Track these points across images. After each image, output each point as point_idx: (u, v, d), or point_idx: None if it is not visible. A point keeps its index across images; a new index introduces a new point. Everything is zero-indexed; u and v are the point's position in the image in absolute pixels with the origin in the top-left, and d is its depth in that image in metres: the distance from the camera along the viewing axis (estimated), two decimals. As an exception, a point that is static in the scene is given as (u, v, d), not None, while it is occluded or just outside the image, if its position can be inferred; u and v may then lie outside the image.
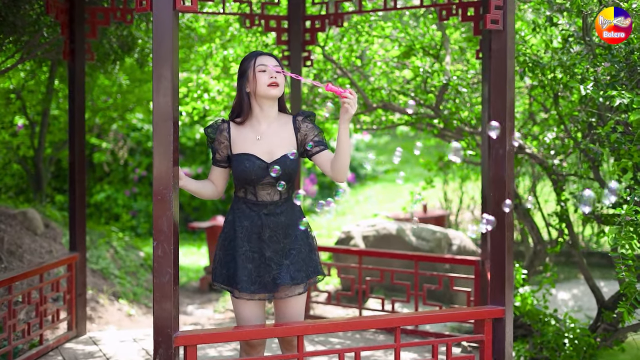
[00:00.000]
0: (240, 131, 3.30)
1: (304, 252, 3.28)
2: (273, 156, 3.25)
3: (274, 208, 3.25)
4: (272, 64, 3.25)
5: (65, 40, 4.85)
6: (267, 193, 3.25)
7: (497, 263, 3.48)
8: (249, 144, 3.26)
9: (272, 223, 3.24)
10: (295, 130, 3.30)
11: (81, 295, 4.99)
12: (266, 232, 3.23)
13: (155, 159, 2.91)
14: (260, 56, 3.26)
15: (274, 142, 3.27)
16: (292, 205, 3.31)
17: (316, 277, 3.32)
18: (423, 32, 5.98)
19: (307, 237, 3.32)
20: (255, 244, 3.24)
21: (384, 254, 5.31)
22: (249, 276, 3.22)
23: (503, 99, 3.46)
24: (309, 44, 5.34)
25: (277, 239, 3.24)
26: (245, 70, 3.27)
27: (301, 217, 3.32)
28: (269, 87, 3.22)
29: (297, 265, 3.24)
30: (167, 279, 2.92)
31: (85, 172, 5.02)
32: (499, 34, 3.47)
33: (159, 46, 2.88)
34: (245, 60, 3.30)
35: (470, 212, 9.27)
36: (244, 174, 3.21)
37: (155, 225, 2.92)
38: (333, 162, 3.20)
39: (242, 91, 3.28)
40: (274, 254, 3.23)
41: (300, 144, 3.30)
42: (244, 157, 3.24)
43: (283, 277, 3.19)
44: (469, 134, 5.57)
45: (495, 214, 3.44)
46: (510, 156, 3.48)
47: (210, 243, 7.92)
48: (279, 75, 3.24)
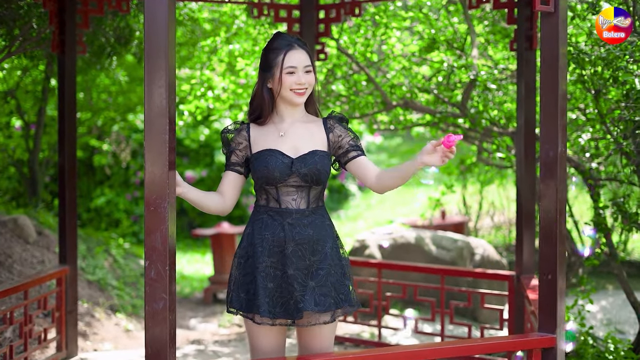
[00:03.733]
0: (261, 131, 2.83)
1: (335, 275, 2.77)
2: (299, 152, 2.78)
3: (300, 218, 2.76)
4: (303, 64, 2.77)
5: (55, 31, 4.38)
6: (293, 199, 2.77)
7: (547, 283, 2.99)
8: (271, 141, 2.80)
9: (297, 235, 2.74)
10: (327, 130, 2.84)
11: (72, 313, 4.51)
12: (290, 245, 2.73)
13: (148, 162, 2.43)
14: (291, 51, 2.77)
15: (300, 138, 2.81)
16: (322, 216, 2.81)
17: (348, 307, 2.80)
18: (445, 25, 5.48)
19: (340, 259, 2.81)
20: (277, 258, 2.74)
21: (407, 267, 4.81)
22: (271, 297, 2.71)
23: (554, 92, 2.97)
24: (323, 35, 4.86)
25: (303, 255, 2.74)
26: (270, 66, 2.78)
27: (332, 235, 2.82)
28: (293, 93, 2.77)
29: (325, 289, 2.73)
30: (162, 305, 2.44)
31: (76, 176, 4.55)
32: (550, 16, 2.99)
33: (151, 25, 2.41)
34: (272, 51, 2.80)
35: (490, 217, 8.76)
36: (265, 171, 2.73)
37: (147, 241, 2.44)
38: (383, 177, 2.77)
39: (263, 85, 2.81)
40: (298, 272, 2.72)
41: (333, 146, 2.84)
42: (265, 152, 2.76)
43: (306, 302, 2.68)
44: (499, 134, 5.08)
45: (543, 224, 2.99)
46: (563, 159, 3.00)
47: (216, 251, 7.43)
48: (308, 78, 2.77)
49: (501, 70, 5.30)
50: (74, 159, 4.47)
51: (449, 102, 5.10)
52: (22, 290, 4.03)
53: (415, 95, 5.29)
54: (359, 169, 2.83)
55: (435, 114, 5.15)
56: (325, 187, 2.86)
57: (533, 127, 4.22)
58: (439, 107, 5.29)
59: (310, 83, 2.79)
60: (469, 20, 5.17)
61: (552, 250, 2.98)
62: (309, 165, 2.74)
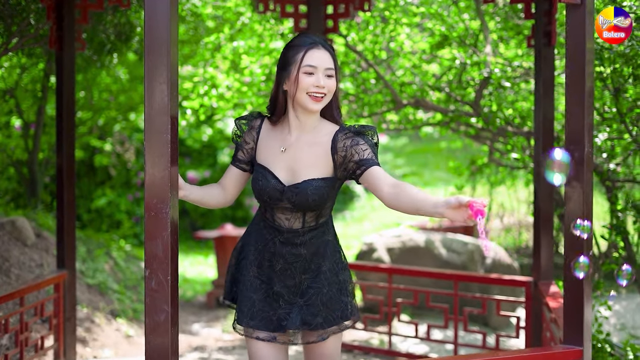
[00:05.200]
0: (270, 135, 2.61)
1: (328, 294, 2.58)
2: (294, 178, 2.54)
3: (292, 237, 2.57)
4: (325, 65, 2.49)
5: (52, 26, 4.21)
6: (286, 218, 2.57)
7: (573, 293, 2.81)
8: (271, 155, 2.58)
9: (287, 254, 2.56)
10: (332, 150, 2.53)
11: (70, 319, 4.34)
12: (279, 262, 2.57)
13: (148, 164, 2.25)
14: (313, 49, 2.49)
15: (301, 160, 2.55)
16: (322, 233, 2.60)
17: (343, 323, 2.62)
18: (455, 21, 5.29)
19: (337, 275, 2.62)
20: (265, 272, 2.60)
21: (419, 273, 4.62)
22: (250, 308, 2.57)
23: (580, 89, 2.79)
24: (331, 31, 4.67)
25: (292, 274, 2.57)
26: (288, 64, 2.53)
27: (331, 250, 2.62)
28: (309, 97, 2.49)
29: (314, 308, 2.55)
30: (164, 318, 2.26)
31: (75, 177, 4.38)
32: (576, 9, 2.81)
33: (152, 16, 2.22)
34: (292, 48, 2.54)
35: (500, 219, 8.56)
36: (257, 192, 2.57)
37: (147, 249, 2.26)
38: (401, 194, 2.37)
39: (279, 86, 2.57)
40: (285, 289, 2.57)
41: (339, 167, 2.54)
42: (260, 171, 2.57)
43: (291, 320, 2.52)
44: (513, 134, 4.89)
45: (568, 230, 2.81)
46: (589, 160, 2.82)
47: (219, 254, 7.26)
48: (328, 82, 2.49)
49: (515, 67, 5.12)
50: (72, 160, 4.29)
51: (461, 100, 4.91)
52: (18, 297, 3.85)
53: (426, 94, 5.10)
54: (367, 182, 2.50)
55: (447, 113, 4.95)
56: (329, 206, 2.62)
57: (551, 127, 4.04)
58: (450, 105, 5.10)
59: (331, 89, 2.51)
60: (482, 16, 4.98)
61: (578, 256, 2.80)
62: (301, 197, 2.51)
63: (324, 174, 2.53)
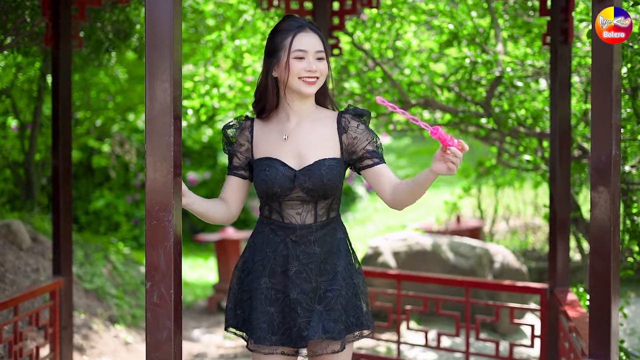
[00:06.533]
0: (265, 129, 2.46)
1: (346, 296, 2.41)
2: (303, 161, 2.39)
3: (305, 234, 2.40)
4: (315, 48, 2.38)
5: (48, 23, 4.03)
6: (297, 213, 2.41)
7: (599, 305, 2.65)
8: (272, 146, 2.42)
9: (302, 254, 2.39)
10: (340, 130, 2.42)
11: (67, 328, 4.16)
12: (293, 265, 2.38)
13: (149, 168, 2.09)
14: (301, 33, 2.38)
15: (306, 143, 2.41)
16: (334, 229, 2.44)
17: (361, 331, 2.45)
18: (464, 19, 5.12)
19: (352, 277, 2.45)
20: (278, 279, 2.40)
21: (429, 279, 4.45)
22: (270, 323, 2.38)
23: (607, 87, 2.63)
24: (337, 29, 4.50)
25: (308, 276, 2.39)
26: (276, 50, 2.40)
27: (345, 249, 2.47)
28: (302, 82, 2.37)
29: (334, 313, 2.37)
30: (166, 335, 2.09)
31: (72, 180, 4.20)
32: (602, 3, 2.66)
33: (154, 8, 2.06)
34: (278, 33, 2.41)
35: (505, 221, 8.40)
36: (264, 186, 2.38)
37: (148, 260, 2.10)
38: (398, 191, 2.36)
39: (268, 74, 2.43)
40: (302, 296, 2.38)
41: (346, 150, 2.43)
42: (265, 162, 2.40)
43: (313, 329, 2.34)
44: (525, 135, 4.73)
45: (595, 236, 2.65)
46: (617, 163, 2.66)
47: (220, 258, 7.10)
48: (320, 66, 2.38)
49: (527, 66, 4.95)
50: (69, 161, 4.12)
51: (472, 100, 4.75)
52: (12, 305, 3.68)
53: (435, 94, 4.94)
54: (373, 178, 2.42)
55: (458, 113, 4.79)
56: (338, 197, 2.48)
57: (568, 128, 3.87)
58: (460, 106, 4.93)
59: (323, 72, 2.40)
60: (493, 13, 4.82)
61: (605, 266, 2.64)
62: (315, 179, 2.36)
63: (332, 154, 2.41)
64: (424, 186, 2.32)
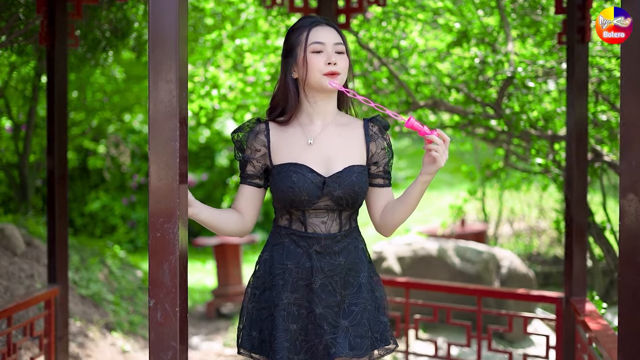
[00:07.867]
0: (284, 133, 2.28)
1: (370, 310, 2.26)
2: (331, 168, 2.24)
3: (330, 244, 2.24)
4: (333, 40, 2.24)
5: (43, 21, 3.86)
6: (322, 222, 2.25)
7: (629, 318, 2.50)
8: (296, 151, 2.25)
9: (326, 265, 2.23)
10: (368, 139, 2.30)
11: (62, 339, 4.00)
12: (318, 278, 2.22)
13: (153, 176, 1.92)
14: (316, 27, 2.25)
15: (335, 147, 2.26)
16: (355, 239, 2.30)
17: (385, 347, 2.31)
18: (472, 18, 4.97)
19: (373, 290, 2.31)
20: (301, 294, 2.24)
21: (439, 287, 4.29)
22: (293, 341, 2.21)
23: (637, 91, 2.48)
24: (343, 28, 4.34)
25: (333, 289, 2.23)
26: (292, 48, 2.26)
27: (367, 260, 2.33)
28: (324, 76, 2.22)
29: (361, 328, 2.22)
30: (171, 356, 1.93)
31: (67, 183, 4.03)
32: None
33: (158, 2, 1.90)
34: (293, 32, 2.28)
35: (510, 224, 8.25)
36: (290, 193, 2.21)
37: (152, 275, 1.93)
38: (389, 212, 2.28)
39: (286, 76, 2.27)
40: (327, 311, 2.22)
41: (369, 159, 2.31)
42: (290, 168, 2.22)
43: (339, 345, 2.18)
44: (538, 137, 4.58)
45: (625, 248, 2.49)
46: (648, 169, 2.50)
47: (219, 262, 6.93)
48: (340, 59, 2.23)
49: (539, 66, 4.80)
50: (64, 163, 3.95)
51: (482, 101, 4.59)
52: (5, 316, 3.51)
53: (444, 95, 4.78)
54: (376, 198, 2.33)
55: (467, 115, 4.63)
56: (360, 205, 2.35)
57: (585, 130, 3.72)
58: (469, 107, 4.78)
59: (344, 67, 2.24)
60: (503, 11, 4.66)
61: (636, 277, 2.49)
62: (345, 187, 2.22)
63: (359, 161, 2.29)
64: (415, 199, 2.23)
